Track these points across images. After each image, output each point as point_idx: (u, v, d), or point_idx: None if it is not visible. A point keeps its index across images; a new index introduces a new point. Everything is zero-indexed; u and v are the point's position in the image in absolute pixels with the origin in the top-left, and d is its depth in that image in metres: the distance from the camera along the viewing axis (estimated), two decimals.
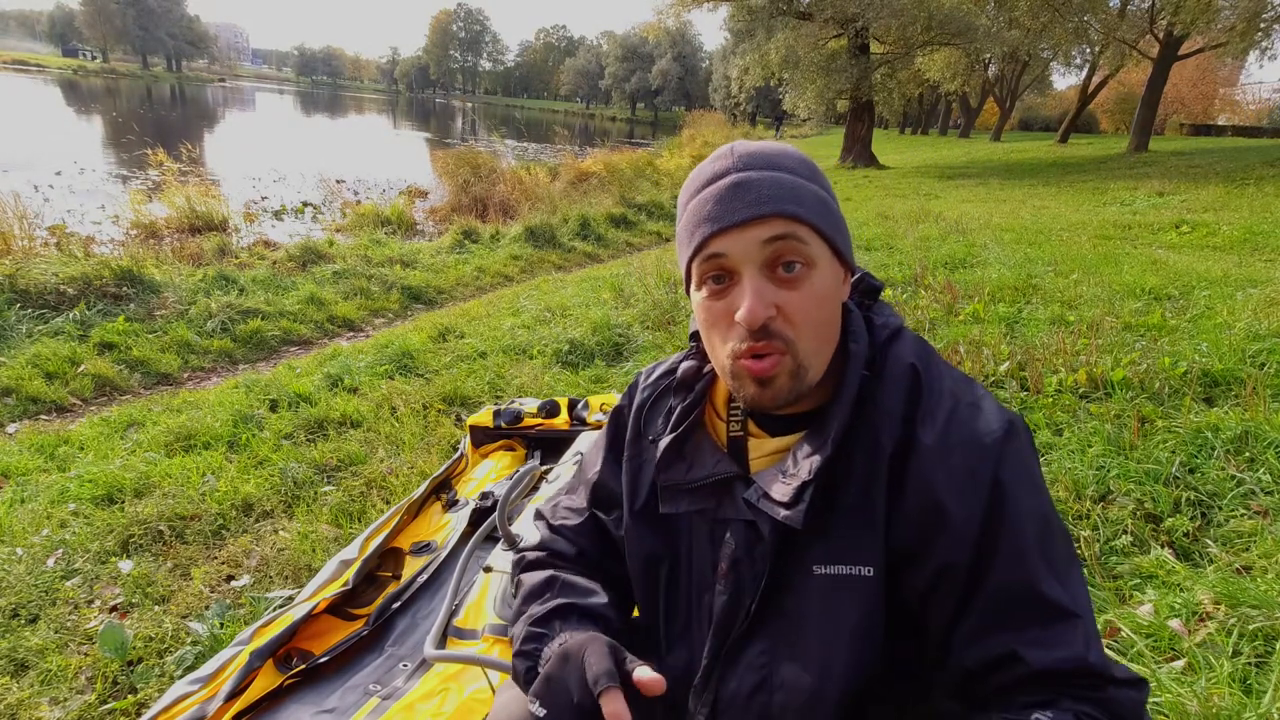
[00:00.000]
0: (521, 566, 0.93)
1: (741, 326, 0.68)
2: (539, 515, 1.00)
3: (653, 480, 0.84)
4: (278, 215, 9.04)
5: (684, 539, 0.82)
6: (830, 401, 0.73)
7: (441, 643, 1.60)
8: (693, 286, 0.75)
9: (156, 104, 37.20)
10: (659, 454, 0.81)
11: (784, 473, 0.73)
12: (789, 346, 0.69)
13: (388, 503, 2.37)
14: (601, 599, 0.84)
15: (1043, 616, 0.65)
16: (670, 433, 0.82)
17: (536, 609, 0.83)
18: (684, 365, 0.86)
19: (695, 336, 0.86)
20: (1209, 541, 1.83)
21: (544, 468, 2.22)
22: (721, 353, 0.72)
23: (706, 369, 0.84)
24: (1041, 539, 0.67)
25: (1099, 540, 1.89)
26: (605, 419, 2.35)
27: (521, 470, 2.09)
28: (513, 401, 2.63)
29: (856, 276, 0.80)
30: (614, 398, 2.53)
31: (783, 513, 0.70)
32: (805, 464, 0.71)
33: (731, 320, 0.69)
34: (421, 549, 1.95)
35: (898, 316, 0.80)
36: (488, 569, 1.76)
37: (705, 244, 0.70)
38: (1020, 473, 0.69)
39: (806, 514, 0.69)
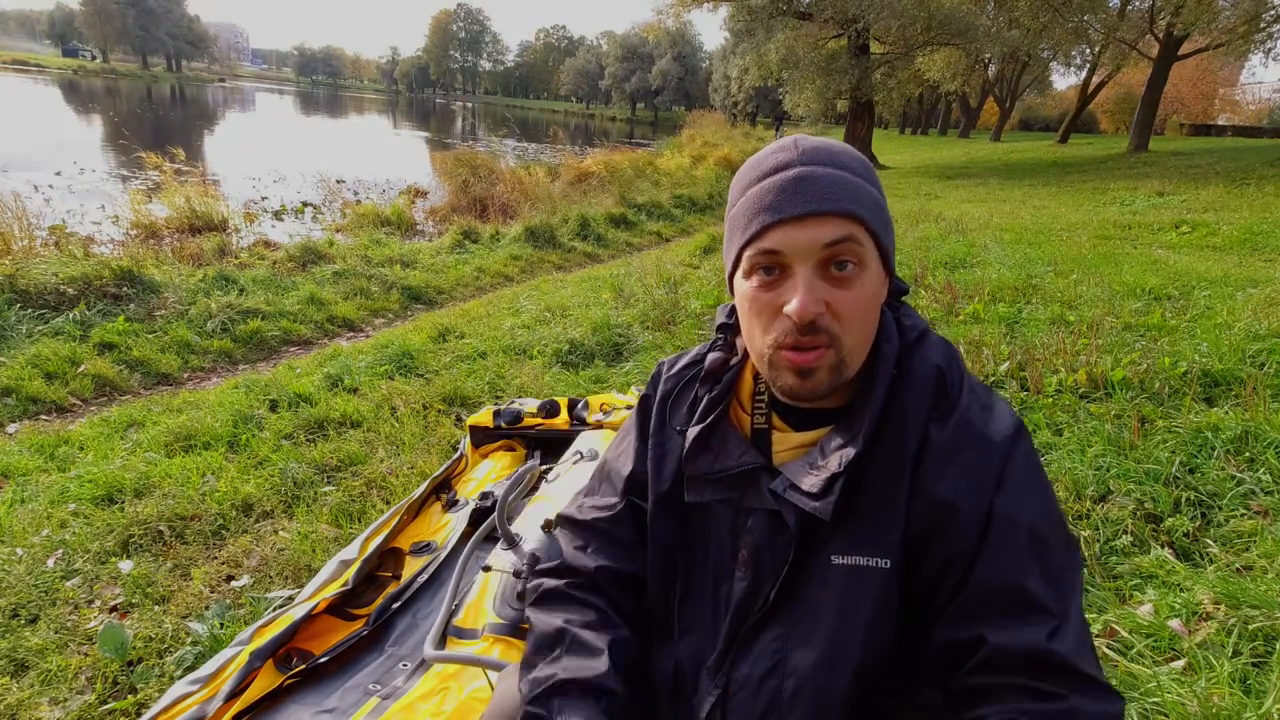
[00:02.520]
0: (538, 595, 0.91)
1: (788, 319, 0.69)
2: (564, 519, 0.98)
3: (675, 469, 0.85)
4: (277, 215, 9.03)
5: (705, 526, 0.83)
6: (857, 397, 0.75)
7: (441, 643, 1.60)
8: (739, 274, 0.75)
9: (157, 104, 37.20)
10: (687, 444, 0.82)
11: (812, 465, 0.74)
12: (834, 342, 0.70)
13: (387, 503, 2.37)
14: (603, 666, 0.80)
15: (1019, 608, 0.66)
16: (698, 423, 0.83)
17: (541, 672, 0.81)
18: (711, 356, 0.87)
19: (722, 329, 0.87)
20: (1209, 541, 1.83)
21: (543, 467, 2.22)
22: (762, 342, 0.73)
23: (733, 361, 0.85)
24: (1037, 539, 0.69)
25: (1099, 540, 1.89)
26: (605, 419, 2.36)
27: (520, 470, 2.09)
28: (512, 402, 2.63)
29: None
30: (614, 397, 2.53)
31: (811, 504, 0.72)
32: (835, 457, 0.72)
33: (778, 312, 0.71)
34: (421, 549, 1.94)
35: (923, 319, 0.82)
36: (487, 568, 1.76)
37: (763, 233, 0.70)
38: (1026, 473, 0.71)
39: (835, 506, 0.71)
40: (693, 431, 0.82)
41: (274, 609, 1.78)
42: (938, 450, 0.71)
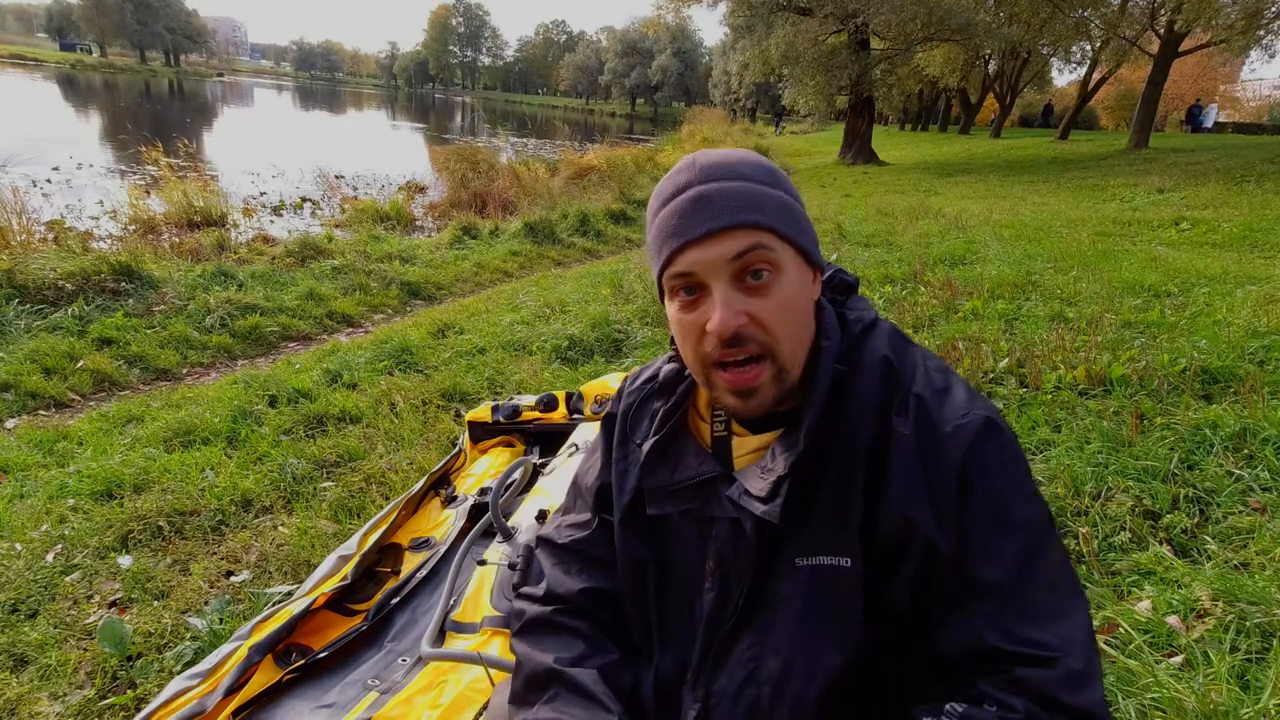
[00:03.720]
0: (522, 623, 0.90)
1: (714, 336, 0.69)
2: (543, 542, 0.98)
3: (637, 483, 0.85)
4: (276, 211, 9.01)
5: (671, 540, 0.82)
6: (808, 398, 0.74)
7: (440, 639, 1.60)
8: (666, 299, 0.76)
9: (155, 99, 37.10)
10: (643, 457, 0.82)
11: (763, 469, 0.74)
12: (766, 352, 0.70)
13: (386, 498, 2.37)
14: (606, 711, 0.79)
15: (967, 597, 0.66)
16: (654, 435, 0.82)
17: (540, 714, 0.79)
18: (665, 369, 0.87)
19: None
20: (1207, 538, 1.84)
21: (539, 460, 2.22)
22: (696, 361, 0.73)
23: (688, 372, 0.84)
24: (996, 524, 0.67)
25: (1097, 537, 1.89)
26: (600, 410, 2.36)
27: (515, 463, 2.09)
28: (512, 398, 2.63)
29: (829, 274, 0.82)
30: (609, 385, 2.53)
31: (760, 508, 0.72)
32: (781, 459, 0.72)
33: (702, 331, 0.70)
34: (420, 545, 1.95)
35: (872, 310, 0.81)
36: (482, 562, 1.77)
37: (672, 259, 0.71)
38: (982, 460, 0.69)
39: (784, 508, 0.70)
40: (648, 444, 0.82)
41: (273, 604, 1.78)
42: (900, 442, 0.70)
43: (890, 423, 0.71)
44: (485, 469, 2.31)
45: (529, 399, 2.55)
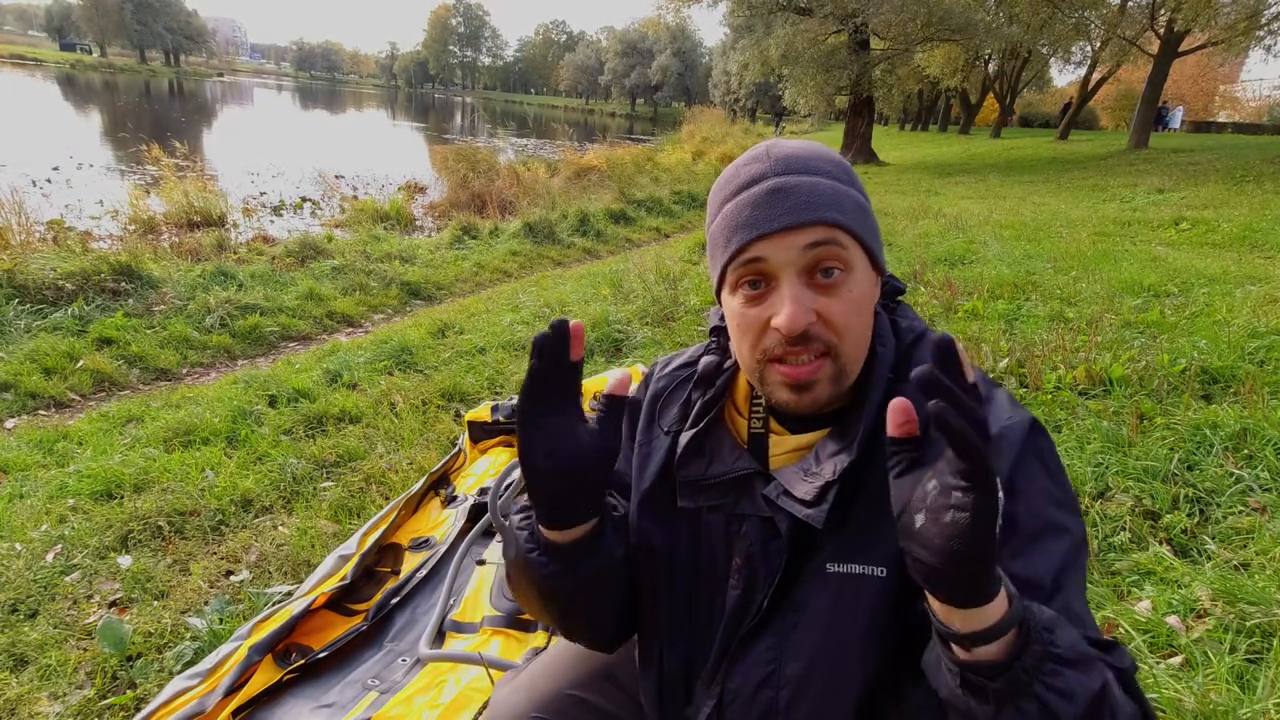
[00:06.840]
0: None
1: (778, 332, 0.68)
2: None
3: (659, 470, 0.84)
4: (276, 211, 9.01)
5: (696, 532, 0.81)
6: (854, 402, 0.73)
7: (438, 640, 1.60)
8: (726, 290, 0.74)
9: (155, 99, 37.10)
10: (680, 449, 0.81)
11: (806, 471, 0.72)
12: (830, 350, 0.69)
13: (386, 498, 2.37)
14: None
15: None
16: (691, 428, 0.81)
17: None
18: (705, 360, 0.85)
19: (716, 331, 0.86)
20: (1207, 538, 1.84)
21: None
22: (752, 357, 0.72)
23: (727, 364, 0.83)
24: (1043, 525, 0.67)
25: (1097, 537, 1.89)
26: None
27: (515, 461, 2.09)
28: (512, 398, 2.63)
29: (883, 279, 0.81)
30: (606, 382, 2.53)
31: (804, 511, 0.70)
32: (829, 464, 0.71)
33: (766, 326, 0.69)
34: (420, 545, 1.95)
35: (921, 320, 0.80)
36: (481, 562, 1.77)
37: (744, 249, 0.69)
38: (1031, 461, 0.69)
39: (828, 514, 0.69)
40: (685, 436, 0.81)
41: (273, 604, 1.78)
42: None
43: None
44: (485, 469, 2.31)
45: None
